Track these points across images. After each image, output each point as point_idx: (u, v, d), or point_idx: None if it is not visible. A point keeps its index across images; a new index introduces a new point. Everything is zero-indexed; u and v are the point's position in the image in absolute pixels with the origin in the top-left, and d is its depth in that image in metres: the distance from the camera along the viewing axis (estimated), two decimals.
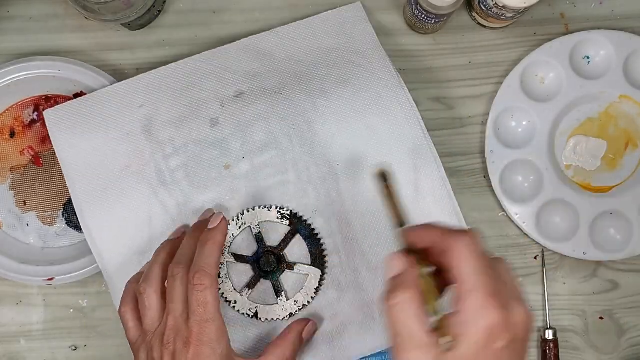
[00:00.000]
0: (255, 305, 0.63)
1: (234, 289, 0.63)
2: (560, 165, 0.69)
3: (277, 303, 0.63)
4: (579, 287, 0.69)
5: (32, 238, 0.69)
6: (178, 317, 0.54)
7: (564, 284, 0.69)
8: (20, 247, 0.68)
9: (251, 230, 0.63)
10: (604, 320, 0.69)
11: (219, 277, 0.62)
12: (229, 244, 0.63)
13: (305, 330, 0.61)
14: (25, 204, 0.69)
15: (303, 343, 0.61)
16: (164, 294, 0.56)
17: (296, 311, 0.63)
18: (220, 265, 0.62)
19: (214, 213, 0.61)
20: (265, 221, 0.64)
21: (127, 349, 0.68)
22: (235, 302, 0.63)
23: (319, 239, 0.63)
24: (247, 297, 0.63)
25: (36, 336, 0.69)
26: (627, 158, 0.69)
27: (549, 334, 0.67)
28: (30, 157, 0.69)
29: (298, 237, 0.64)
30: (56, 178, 0.69)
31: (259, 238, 0.63)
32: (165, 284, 0.56)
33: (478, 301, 0.44)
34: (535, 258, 0.69)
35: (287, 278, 0.63)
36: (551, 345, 0.67)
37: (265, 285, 0.63)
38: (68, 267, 0.66)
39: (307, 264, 0.63)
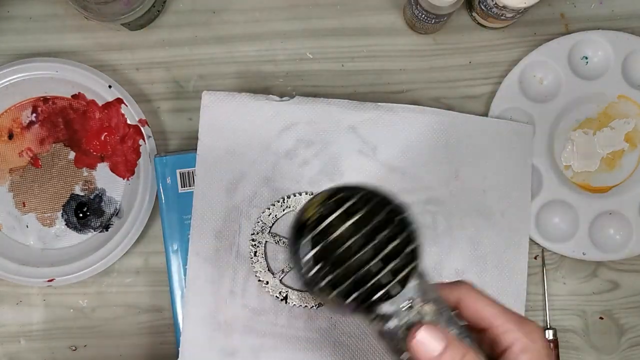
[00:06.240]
0: (286, 289, 0.64)
1: (268, 270, 0.64)
2: (559, 165, 0.69)
3: None
4: (579, 287, 0.69)
5: (32, 239, 0.69)
6: None
7: (564, 284, 0.69)
8: (20, 249, 0.68)
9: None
10: (604, 320, 0.69)
11: (255, 255, 0.64)
12: (270, 225, 0.64)
13: None
14: (24, 206, 0.69)
15: None
16: None
17: None
18: (257, 244, 0.64)
19: None
20: None
21: (127, 348, 0.69)
22: (267, 282, 0.64)
23: None
24: (280, 280, 0.64)
25: (36, 336, 0.69)
26: (625, 158, 0.69)
27: (549, 334, 0.67)
28: (29, 159, 0.69)
29: None
30: (55, 179, 0.69)
31: None
32: None
33: (521, 328, 0.43)
34: (535, 258, 0.69)
35: None
36: (551, 345, 0.67)
37: None
38: (68, 268, 0.66)
39: None
